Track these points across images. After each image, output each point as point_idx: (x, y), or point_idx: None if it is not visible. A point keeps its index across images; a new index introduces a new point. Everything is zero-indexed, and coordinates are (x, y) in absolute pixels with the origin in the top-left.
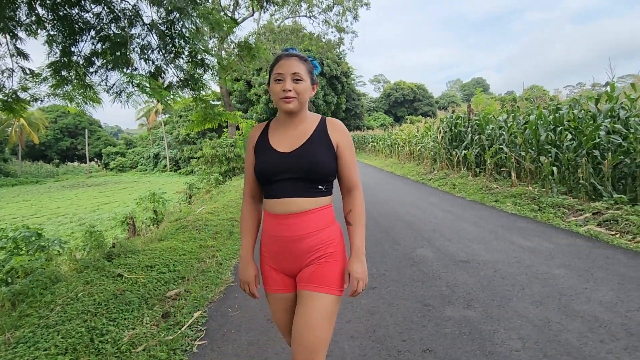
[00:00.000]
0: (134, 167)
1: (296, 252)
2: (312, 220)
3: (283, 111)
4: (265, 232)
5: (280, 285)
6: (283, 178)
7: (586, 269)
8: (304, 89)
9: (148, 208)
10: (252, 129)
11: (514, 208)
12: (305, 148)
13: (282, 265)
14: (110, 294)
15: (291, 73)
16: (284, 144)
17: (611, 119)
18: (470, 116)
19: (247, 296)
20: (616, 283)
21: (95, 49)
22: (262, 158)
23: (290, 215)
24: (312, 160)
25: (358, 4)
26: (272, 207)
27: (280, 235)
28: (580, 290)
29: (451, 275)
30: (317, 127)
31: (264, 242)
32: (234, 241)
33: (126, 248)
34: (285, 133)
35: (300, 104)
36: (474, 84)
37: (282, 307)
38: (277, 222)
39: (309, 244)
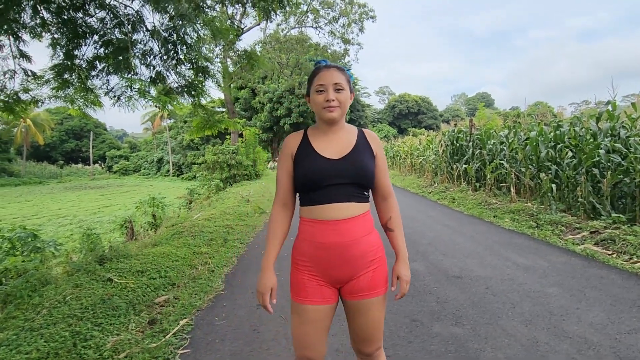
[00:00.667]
0: (137, 171)
1: (349, 258)
2: (362, 225)
3: (326, 120)
4: (307, 239)
5: (320, 297)
6: (334, 183)
7: (579, 289)
8: (345, 98)
9: (147, 212)
10: (289, 138)
11: (512, 224)
12: (354, 154)
13: (330, 274)
14: (98, 298)
15: (333, 83)
16: (331, 150)
17: (612, 138)
18: (472, 130)
19: (235, 305)
20: (608, 304)
21: (98, 53)
22: (309, 164)
23: (343, 220)
24: (361, 165)
25: (364, 16)
26: (320, 213)
27: (333, 241)
28: (572, 311)
29: (442, 290)
30: (358, 136)
31: (303, 251)
32: (227, 248)
33: (119, 252)
34: (329, 141)
35: (342, 113)
36: (478, 98)
37: (314, 319)
38: (327, 228)
39: (360, 248)
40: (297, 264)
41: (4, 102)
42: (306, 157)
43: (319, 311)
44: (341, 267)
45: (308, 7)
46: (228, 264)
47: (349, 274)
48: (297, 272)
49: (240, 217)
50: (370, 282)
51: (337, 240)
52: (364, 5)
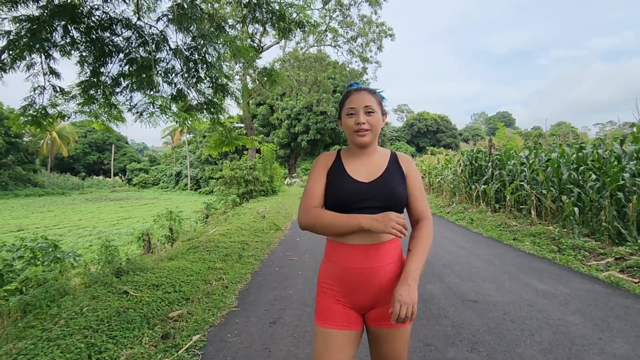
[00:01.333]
0: (155, 184)
1: (376, 284)
2: (391, 251)
3: (357, 144)
4: (335, 263)
5: (346, 322)
6: (363, 207)
7: (603, 318)
8: (376, 121)
9: (164, 226)
10: (322, 155)
11: (532, 248)
12: (384, 178)
13: (355, 299)
14: (114, 310)
15: (364, 106)
16: (362, 173)
17: (637, 161)
18: (491, 150)
19: (248, 322)
20: (634, 335)
21: (123, 71)
22: (341, 185)
23: (372, 245)
24: (392, 190)
25: (382, 35)
26: (349, 237)
27: (360, 266)
28: (594, 341)
29: (458, 315)
30: (390, 159)
31: (329, 275)
32: (242, 265)
33: (136, 265)
34: (361, 164)
35: (373, 136)
36: (499, 117)
37: (340, 345)
38: (356, 253)
39: (387, 275)
40: (323, 288)
41: (32, 116)
42: (338, 178)
43: (347, 337)
44: (367, 293)
45: (327, 27)
46: (242, 281)
47: (374, 300)
48: (323, 296)
49: (255, 233)
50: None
51: (365, 265)
52: (383, 24)
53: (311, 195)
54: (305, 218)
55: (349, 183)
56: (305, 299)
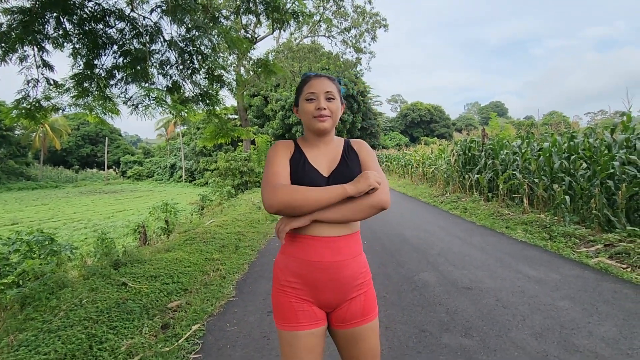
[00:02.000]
0: (150, 176)
1: (341, 279)
2: (354, 244)
3: (316, 130)
4: (296, 257)
5: (313, 320)
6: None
7: (591, 303)
8: (336, 108)
9: (160, 218)
10: (279, 142)
11: (524, 236)
12: (342, 167)
13: (320, 296)
14: (113, 302)
15: (324, 91)
16: (322, 164)
17: (627, 150)
18: (484, 140)
19: (246, 312)
20: (621, 319)
21: (117, 63)
22: (305, 176)
23: (337, 238)
24: (349, 178)
25: (376, 25)
26: (314, 229)
27: (325, 260)
28: (583, 324)
29: (452, 301)
30: (344, 147)
31: (290, 271)
32: (239, 255)
33: (133, 257)
34: (319, 153)
35: (333, 123)
36: (492, 107)
37: (310, 346)
38: (320, 245)
39: (353, 269)
40: (282, 286)
41: (26, 109)
42: (301, 167)
43: (314, 336)
44: (333, 289)
45: (321, 17)
46: (239, 271)
47: (340, 297)
48: (283, 295)
49: (251, 224)
50: (363, 307)
51: (331, 259)
52: (377, 15)
53: (278, 175)
54: (276, 196)
55: (313, 175)
56: None
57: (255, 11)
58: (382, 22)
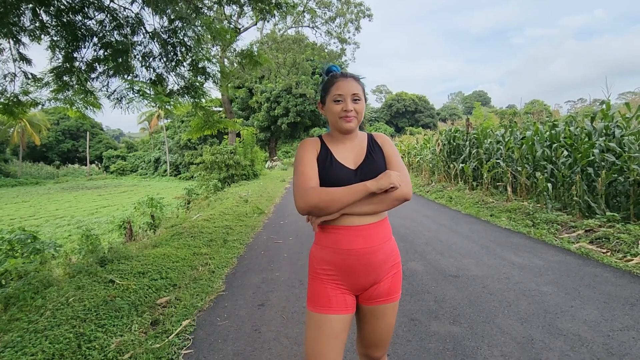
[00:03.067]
0: (134, 171)
1: (373, 264)
2: (384, 230)
3: (342, 130)
4: (330, 246)
5: (343, 306)
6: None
7: (574, 287)
8: (362, 108)
9: (146, 213)
10: (306, 140)
11: (508, 223)
12: (368, 161)
13: (355, 281)
14: (101, 299)
15: (351, 94)
16: (348, 159)
17: (606, 137)
18: (469, 130)
19: (236, 306)
20: (602, 302)
21: (98, 56)
22: (332, 172)
23: (367, 225)
24: (375, 172)
25: (360, 15)
26: (345, 220)
27: (357, 247)
28: (566, 309)
29: (440, 290)
30: (368, 141)
31: (325, 260)
32: (227, 249)
33: (120, 254)
34: (345, 149)
35: (358, 122)
36: (475, 96)
37: (337, 330)
38: (353, 233)
39: (384, 253)
40: (318, 274)
41: (3, 104)
42: (328, 164)
43: (342, 321)
44: (367, 274)
45: (305, 7)
46: (228, 265)
47: (372, 280)
48: (319, 282)
49: (239, 217)
50: (390, 287)
51: (363, 245)
52: (361, 4)
53: (307, 177)
54: (307, 198)
55: (341, 169)
56: (292, 281)
57: (239, 1)
58: (367, 11)
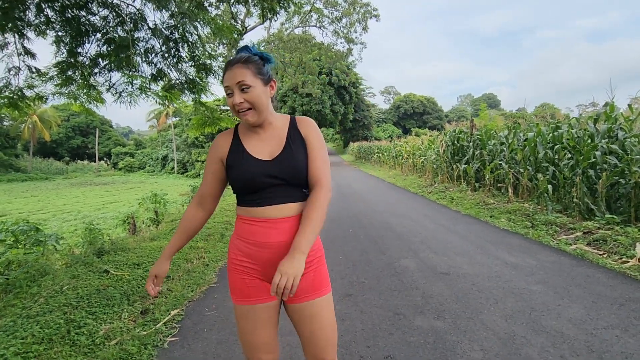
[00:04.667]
0: (142, 168)
1: None
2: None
3: (246, 124)
4: (245, 238)
5: (265, 294)
6: (270, 184)
7: (564, 286)
8: (256, 96)
9: (149, 208)
10: (218, 138)
11: (507, 224)
12: (285, 153)
13: (270, 273)
14: (94, 288)
15: (236, 83)
16: (262, 151)
17: (609, 139)
18: (473, 131)
19: (226, 297)
20: (590, 301)
21: (101, 51)
22: (243, 167)
23: (284, 219)
24: (294, 165)
25: (367, 15)
26: (258, 213)
27: (273, 240)
28: (553, 307)
29: (429, 286)
30: (289, 128)
31: (241, 251)
32: (224, 244)
33: (117, 246)
34: (259, 139)
35: (258, 113)
36: (484, 99)
37: (264, 318)
38: (267, 226)
39: None
40: (235, 265)
41: (8, 98)
42: (238, 160)
43: (268, 308)
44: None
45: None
46: (223, 259)
47: None
48: (236, 273)
49: None
50: (312, 282)
51: (279, 239)
52: (368, 5)
53: (202, 183)
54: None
55: (251, 163)
56: None
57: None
58: (374, 12)
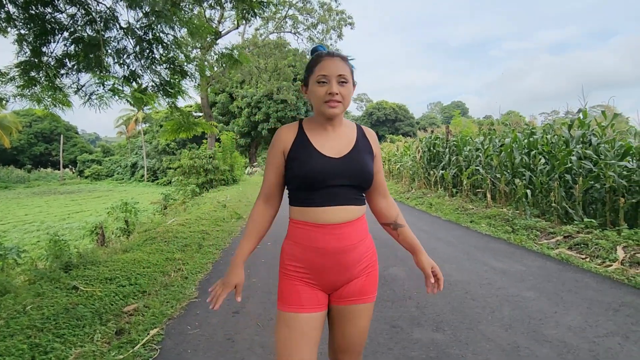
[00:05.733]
0: (110, 176)
1: (346, 263)
2: (360, 229)
3: (327, 115)
4: (301, 243)
5: (314, 303)
6: (334, 184)
7: (556, 292)
8: (348, 92)
9: (119, 218)
10: (281, 130)
11: (488, 229)
12: (354, 153)
13: (326, 280)
14: (62, 307)
15: (337, 75)
16: (330, 148)
17: (583, 145)
18: (449, 137)
19: (209, 313)
20: (585, 307)
21: (68, 51)
22: (308, 163)
23: (342, 224)
24: (362, 166)
25: (342, 23)
26: (316, 215)
27: (330, 246)
28: (550, 314)
29: (422, 295)
30: (357, 133)
31: (296, 256)
32: (202, 254)
33: (87, 259)
34: (328, 137)
35: (344, 108)
36: (453, 107)
37: (308, 329)
38: (325, 232)
39: (359, 252)
40: (288, 270)
41: None
42: (304, 154)
43: (314, 319)
44: (339, 273)
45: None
46: (202, 271)
47: (344, 279)
48: (288, 279)
49: (216, 222)
50: (362, 286)
51: (336, 245)
52: (343, 12)
53: (265, 179)
54: (252, 209)
55: (319, 159)
56: (269, 287)
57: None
58: (348, 19)
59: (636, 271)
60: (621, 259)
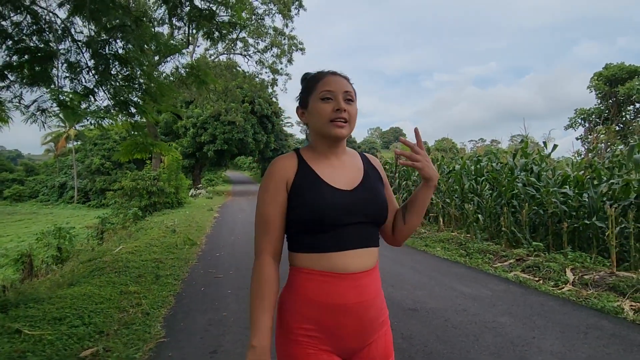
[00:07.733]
0: (34, 197)
1: (366, 321)
2: (377, 278)
3: (332, 136)
4: (312, 299)
5: None
6: (348, 222)
7: (527, 317)
8: (355, 113)
9: (51, 245)
10: (279, 161)
11: (444, 253)
12: (367, 184)
13: (341, 343)
14: (5, 357)
15: (343, 91)
16: (339, 179)
17: (526, 173)
18: (397, 162)
19: (183, 354)
20: (558, 331)
21: (11, 61)
22: (317, 197)
23: (361, 273)
24: (375, 197)
25: (293, 48)
26: (330, 263)
27: (351, 302)
28: (529, 340)
29: (404, 325)
30: (363, 160)
31: (306, 317)
32: (161, 286)
33: (26, 295)
34: (333, 166)
35: (350, 130)
36: (391, 132)
37: None
38: (344, 284)
39: (377, 307)
40: (295, 335)
41: None
42: (311, 188)
43: None
44: (358, 334)
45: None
46: (165, 305)
47: (363, 340)
48: (299, 347)
49: (169, 249)
50: (384, 349)
51: (357, 300)
52: (294, 38)
53: (268, 225)
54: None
55: (330, 193)
56: (244, 321)
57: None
58: (299, 45)
59: (587, 292)
60: (571, 280)
